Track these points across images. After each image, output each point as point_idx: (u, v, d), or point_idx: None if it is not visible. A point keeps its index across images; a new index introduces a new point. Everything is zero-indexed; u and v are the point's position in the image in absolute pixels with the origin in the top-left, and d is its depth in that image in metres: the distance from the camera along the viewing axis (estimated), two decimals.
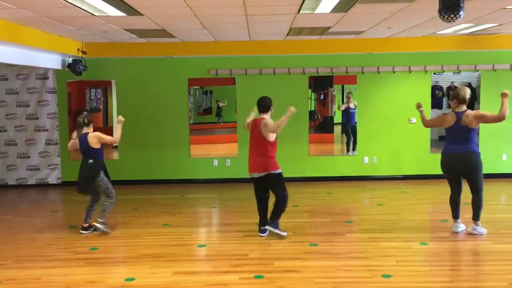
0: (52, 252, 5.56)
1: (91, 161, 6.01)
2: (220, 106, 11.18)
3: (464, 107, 5.71)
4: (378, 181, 9.44)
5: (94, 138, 6.01)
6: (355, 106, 9.83)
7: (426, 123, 6.21)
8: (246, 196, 5.96)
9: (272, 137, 5.74)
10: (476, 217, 5.83)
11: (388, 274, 4.63)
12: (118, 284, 4.54)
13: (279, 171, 5.78)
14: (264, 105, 5.87)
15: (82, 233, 6.13)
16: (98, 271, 4.89)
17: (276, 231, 5.79)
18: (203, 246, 5.71)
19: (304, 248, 5.50)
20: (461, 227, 5.97)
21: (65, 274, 4.82)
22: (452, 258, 5.15)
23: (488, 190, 8.44)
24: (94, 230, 6.13)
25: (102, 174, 6.05)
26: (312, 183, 9.36)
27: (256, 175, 5.81)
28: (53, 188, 9.38)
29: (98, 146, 6.03)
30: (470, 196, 5.77)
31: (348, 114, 10.36)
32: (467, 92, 5.73)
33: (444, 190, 7.47)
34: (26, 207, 8.02)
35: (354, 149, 10.02)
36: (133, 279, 4.64)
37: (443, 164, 5.88)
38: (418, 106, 6.14)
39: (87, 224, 6.17)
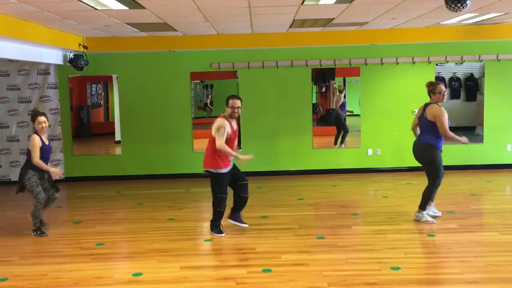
0: (58, 248, 5.54)
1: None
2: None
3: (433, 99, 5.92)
4: (383, 173, 9.40)
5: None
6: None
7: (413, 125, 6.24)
8: (250, 190, 5.92)
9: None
10: (420, 205, 6.03)
11: (397, 266, 4.60)
12: (125, 280, 4.52)
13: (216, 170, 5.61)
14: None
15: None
16: (105, 267, 4.87)
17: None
18: (210, 240, 5.68)
19: (311, 241, 5.47)
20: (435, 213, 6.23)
21: (72, 270, 4.79)
22: (460, 249, 5.11)
23: (493, 181, 8.47)
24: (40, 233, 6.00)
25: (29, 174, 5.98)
26: (316, 176, 9.33)
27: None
28: (57, 184, 9.31)
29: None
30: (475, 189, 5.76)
31: (342, 107, 10.42)
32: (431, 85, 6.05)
33: (449, 181, 7.46)
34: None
35: (342, 142, 9.98)
36: (140, 274, 4.62)
37: None
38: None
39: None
